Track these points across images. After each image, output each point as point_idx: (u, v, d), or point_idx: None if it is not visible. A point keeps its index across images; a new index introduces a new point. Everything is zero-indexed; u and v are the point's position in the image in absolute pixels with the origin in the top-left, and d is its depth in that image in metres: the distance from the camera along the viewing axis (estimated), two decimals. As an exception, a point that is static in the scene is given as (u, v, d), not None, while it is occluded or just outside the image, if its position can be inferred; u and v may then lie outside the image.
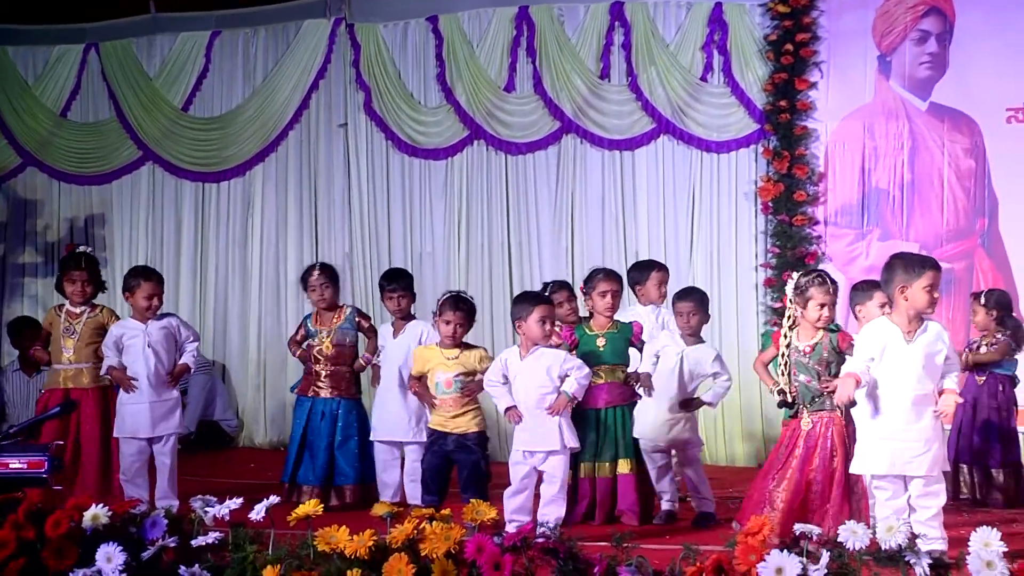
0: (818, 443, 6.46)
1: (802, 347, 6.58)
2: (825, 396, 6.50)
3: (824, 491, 6.39)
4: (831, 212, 10.71)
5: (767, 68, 10.79)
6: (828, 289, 6.59)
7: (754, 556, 4.48)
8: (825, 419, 6.50)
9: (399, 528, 4.92)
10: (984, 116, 10.30)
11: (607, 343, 7.60)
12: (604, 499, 7.49)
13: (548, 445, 6.97)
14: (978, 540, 4.63)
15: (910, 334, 6.26)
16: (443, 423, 7.52)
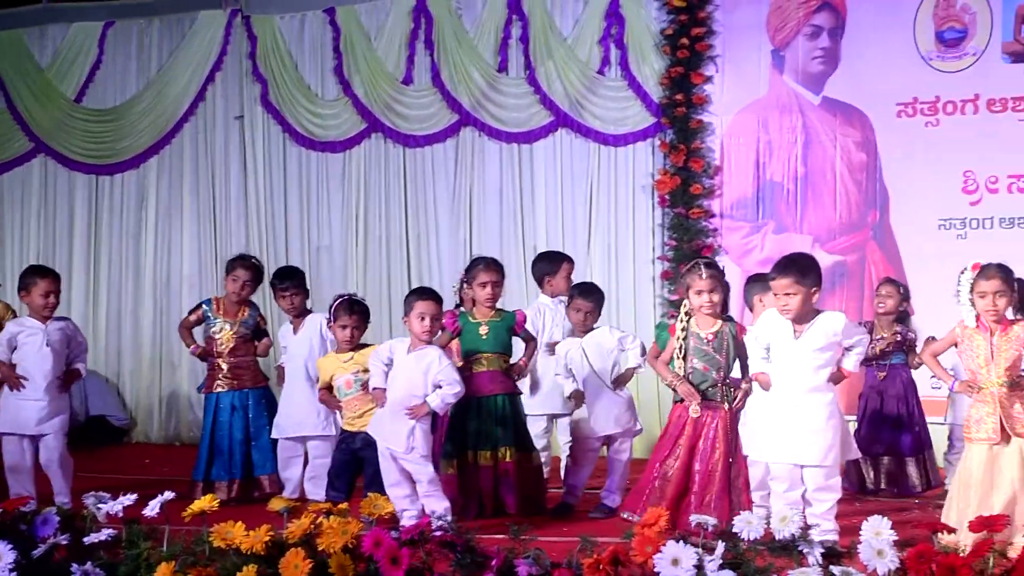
0: (703, 433, 6.51)
1: (704, 335, 6.62)
2: (718, 387, 6.54)
3: (704, 482, 6.45)
4: (727, 205, 10.82)
5: (663, 62, 10.87)
6: (700, 274, 6.61)
7: (651, 547, 4.50)
8: (713, 409, 6.54)
9: (296, 523, 4.87)
10: (875, 110, 10.45)
11: (489, 331, 7.61)
12: (488, 488, 7.50)
13: (394, 444, 6.96)
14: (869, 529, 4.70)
15: (799, 332, 6.38)
16: (351, 423, 7.57)
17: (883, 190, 10.43)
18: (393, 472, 7.03)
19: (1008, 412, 6.18)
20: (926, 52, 10.28)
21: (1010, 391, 6.20)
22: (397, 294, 11.41)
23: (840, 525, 6.31)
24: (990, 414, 6.21)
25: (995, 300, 6.21)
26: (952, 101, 10.19)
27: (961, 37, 10.20)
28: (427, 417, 7.00)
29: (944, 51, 10.24)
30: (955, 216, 10.10)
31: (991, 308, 6.22)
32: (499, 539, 5.16)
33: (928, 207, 10.20)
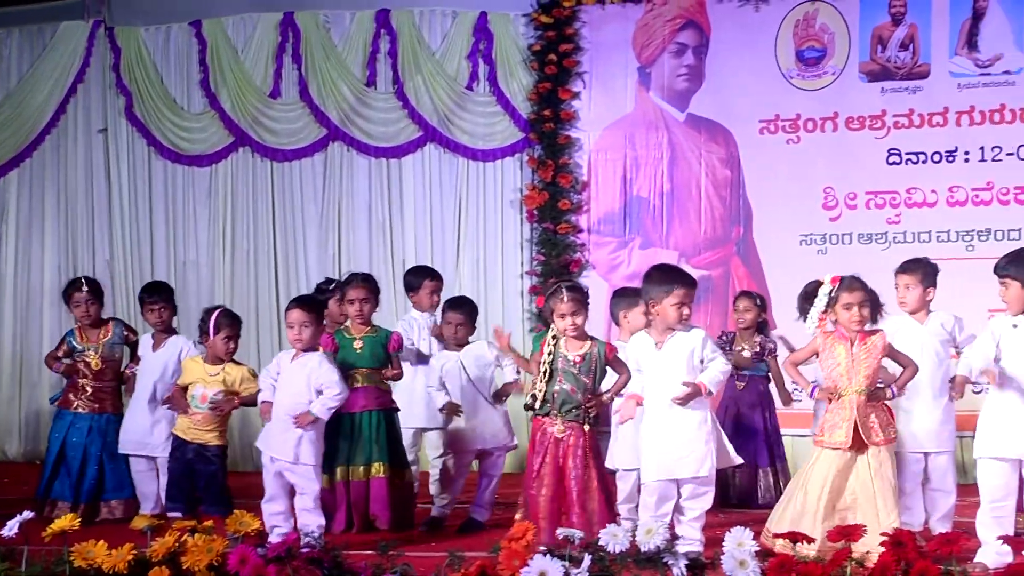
0: (570, 451, 6.54)
1: (572, 356, 6.63)
2: (582, 409, 6.57)
3: (581, 499, 6.48)
4: (594, 220, 10.92)
5: (531, 78, 10.96)
6: (562, 298, 6.63)
7: (518, 561, 4.53)
8: (576, 429, 6.57)
9: (160, 541, 4.81)
10: (739, 127, 10.66)
11: (364, 347, 7.59)
12: (359, 503, 7.46)
13: (282, 454, 6.89)
14: (732, 540, 4.78)
15: (660, 344, 6.47)
16: (184, 431, 7.54)
17: (746, 206, 10.62)
18: (272, 486, 6.95)
19: (864, 422, 6.33)
20: (787, 70, 10.51)
21: (867, 400, 6.36)
22: (265, 309, 11.34)
23: (705, 536, 6.39)
24: (845, 420, 6.36)
25: (860, 311, 6.38)
26: (812, 119, 10.44)
27: (821, 56, 10.45)
28: (315, 425, 6.92)
29: (804, 70, 10.49)
30: (816, 231, 10.34)
31: (857, 318, 6.39)
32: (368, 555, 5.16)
33: (790, 223, 10.43)
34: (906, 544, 4.46)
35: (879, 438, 6.34)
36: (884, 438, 6.36)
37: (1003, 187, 9.97)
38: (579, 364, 6.59)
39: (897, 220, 10.19)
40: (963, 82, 10.11)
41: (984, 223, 9.93)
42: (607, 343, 6.78)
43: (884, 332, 6.52)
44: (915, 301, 7.07)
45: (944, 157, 10.13)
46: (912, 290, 7.08)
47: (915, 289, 7.07)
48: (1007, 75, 10.01)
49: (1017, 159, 9.95)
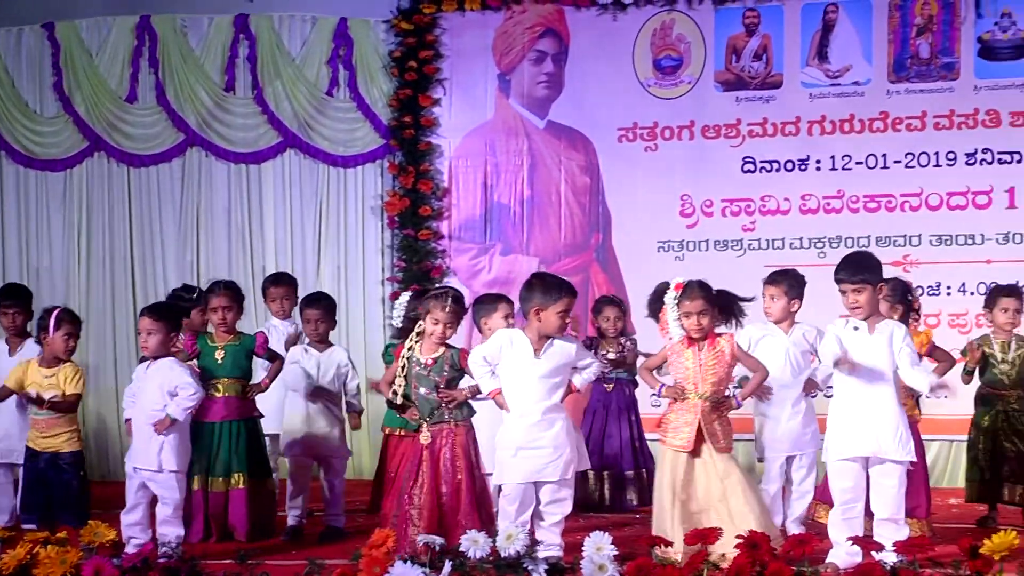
0: (441, 456, 6.54)
1: (424, 360, 6.65)
2: (444, 409, 6.59)
3: (453, 503, 6.48)
4: (455, 227, 10.96)
5: (392, 84, 10.95)
6: (444, 306, 6.65)
7: (378, 568, 4.53)
8: (445, 431, 6.58)
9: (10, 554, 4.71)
10: (598, 135, 10.78)
11: (226, 355, 7.52)
12: (217, 514, 7.40)
13: (147, 464, 6.80)
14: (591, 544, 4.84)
15: (538, 350, 6.51)
16: (35, 440, 7.48)
17: (606, 213, 10.75)
18: (133, 497, 6.85)
19: (709, 427, 6.46)
20: (645, 79, 10.67)
21: (712, 407, 6.49)
22: (122, 316, 11.15)
23: (565, 541, 6.44)
24: (688, 423, 6.48)
25: (699, 319, 6.50)
26: (670, 127, 10.61)
27: (677, 65, 10.62)
28: (175, 430, 6.82)
29: (661, 79, 10.65)
30: (673, 238, 10.51)
31: (696, 326, 6.51)
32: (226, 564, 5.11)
33: (648, 229, 10.58)
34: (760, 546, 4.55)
35: (719, 445, 6.47)
36: (724, 445, 6.49)
37: (853, 195, 10.24)
38: (430, 367, 6.61)
39: (752, 227, 10.40)
40: (814, 92, 10.36)
41: (835, 230, 10.18)
42: (462, 349, 6.80)
43: (731, 336, 6.65)
44: (779, 311, 7.24)
45: (797, 165, 10.36)
46: (777, 301, 7.24)
47: (780, 300, 7.23)
48: (856, 85, 10.28)
49: (866, 168, 10.22)
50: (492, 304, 7.57)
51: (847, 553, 6.00)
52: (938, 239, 10.05)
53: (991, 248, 9.94)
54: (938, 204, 10.11)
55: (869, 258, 6.51)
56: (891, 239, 10.07)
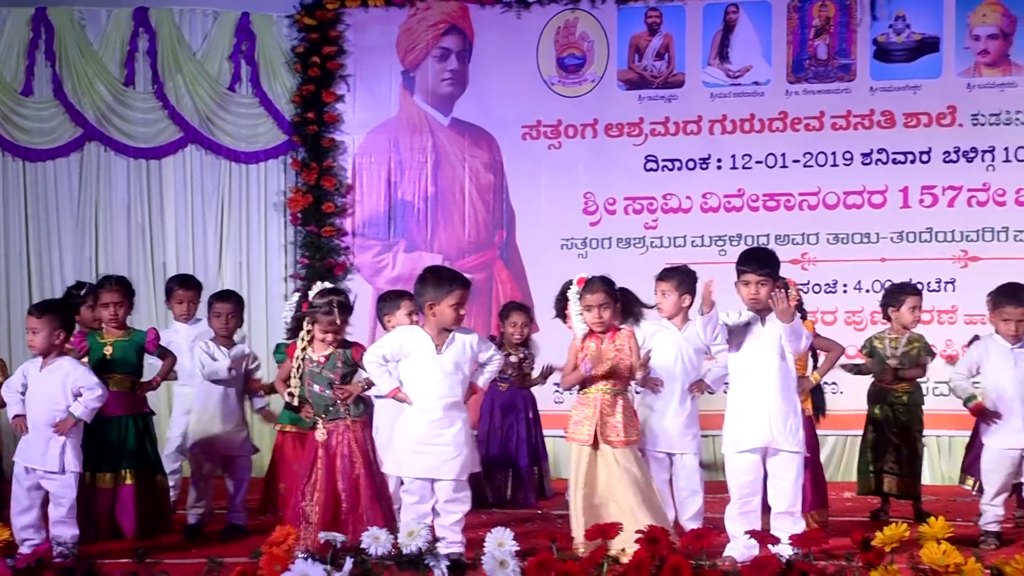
0: (337, 452, 6.52)
1: (316, 357, 6.62)
2: (339, 405, 6.56)
3: (352, 499, 6.46)
4: (359, 223, 10.93)
5: (295, 80, 10.90)
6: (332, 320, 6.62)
7: (279, 566, 4.51)
8: (341, 428, 6.55)
9: (-100, 558, 4.61)
10: (502, 132, 10.83)
11: (115, 351, 7.41)
12: (104, 511, 7.29)
13: (47, 464, 6.71)
14: (493, 540, 4.85)
15: (439, 345, 6.51)
16: None
17: (510, 210, 10.78)
18: (24, 499, 6.75)
19: (606, 419, 6.52)
20: (548, 77, 10.72)
21: (613, 398, 6.55)
22: (17, 313, 10.93)
23: (467, 537, 6.46)
24: (589, 418, 6.56)
25: (600, 313, 6.58)
26: (573, 125, 10.67)
27: (580, 64, 10.69)
28: (76, 430, 6.73)
29: (565, 77, 10.71)
30: (576, 236, 10.58)
31: (597, 319, 6.58)
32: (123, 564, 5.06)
33: (551, 227, 10.64)
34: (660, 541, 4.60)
35: (618, 439, 6.53)
36: (624, 439, 6.55)
37: (753, 194, 10.38)
38: (323, 364, 6.59)
39: (654, 225, 10.49)
40: (715, 92, 10.48)
41: (735, 229, 10.30)
42: (355, 344, 6.76)
43: (630, 331, 6.71)
44: (671, 307, 7.29)
45: (698, 164, 10.48)
46: (668, 296, 7.30)
47: (671, 295, 7.29)
48: (756, 85, 10.42)
49: (766, 167, 10.37)
50: (395, 301, 7.59)
51: (744, 546, 6.09)
52: (835, 237, 10.22)
53: (886, 246, 10.12)
54: (835, 203, 10.28)
55: (773, 254, 6.62)
56: (789, 237, 10.22)
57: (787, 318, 6.30)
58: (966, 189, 10.08)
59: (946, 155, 10.12)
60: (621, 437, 6.54)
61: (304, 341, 6.67)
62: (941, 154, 10.12)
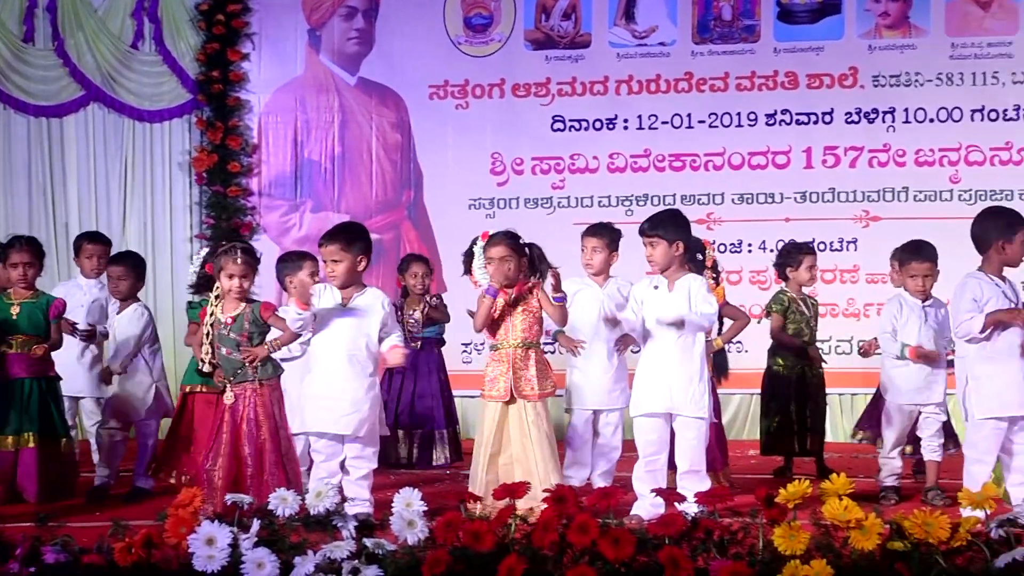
0: (244, 416, 6.47)
1: (224, 319, 6.54)
2: (247, 368, 6.51)
3: (257, 464, 6.43)
4: (265, 183, 10.86)
5: (199, 38, 10.77)
6: (235, 259, 6.53)
7: (184, 528, 4.48)
8: (248, 391, 6.50)
9: None
10: (409, 92, 10.79)
11: (22, 312, 7.29)
12: (5, 474, 7.18)
13: None
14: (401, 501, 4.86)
15: (346, 299, 6.51)
16: None
17: (417, 170, 10.77)
18: None
19: (519, 373, 6.57)
20: (455, 37, 10.69)
21: (525, 352, 6.60)
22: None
23: (375, 498, 6.48)
24: (503, 374, 6.61)
25: (500, 266, 6.61)
26: (480, 85, 10.66)
27: (488, 23, 10.67)
28: None
29: (472, 36, 10.69)
30: (484, 196, 10.59)
31: (499, 272, 6.61)
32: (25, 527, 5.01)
33: (459, 187, 10.65)
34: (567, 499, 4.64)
35: (532, 392, 6.59)
36: (538, 392, 6.61)
37: (659, 154, 10.45)
38: (230, 326, 6.48)
39: (562, 185, 10.53)
40: (622, 52, 10.53)
41: (642, 189, 10.38)
42: (264, 302, 6.69)
43: (539, 285, 6.73)
44: (600, 263, 7.30)
45: (605, 125, 10.52)
46: (599, 253, 7.30)
47: (601, 252, 7.30)
48: (662, 47, 10.47)
49: (672, 128, 10.44)
50: (297, 262, 7.54)
51: (651, 505, 6.16)
52: (740, 198, 10.33)
53: (790, 206, 10.25)
54: (740, 163, 10.38)
55: (672, 215, 6.62)
56: (695, 198, 10.31)
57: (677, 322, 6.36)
58: (867, 150, 10.23)
59: (848, 116, 10.25)
60: (536, 390, 6.60)
61: (213, 306, 6.60)
62: (843, 115, 10.26)
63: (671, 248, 6.41)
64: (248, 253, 6.58)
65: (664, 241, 6.41)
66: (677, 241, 6.42)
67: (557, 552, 4.29)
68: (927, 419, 7.32)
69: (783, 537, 4.17)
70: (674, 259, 6.45)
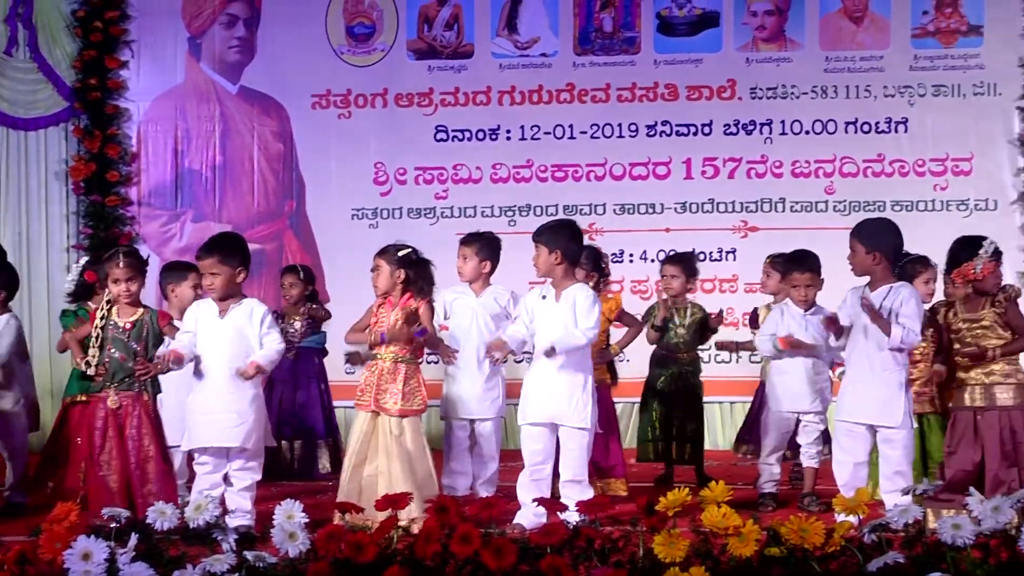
0: (127, 424, 6.39)
1: (122, 323, 6.47)
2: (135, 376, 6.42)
3: (140, 473, 6.35)
4: (145, 192, 10.72)
5: (76, 45, 10.60)
6: (118, 263, 6.47)
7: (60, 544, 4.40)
8: (133, 399, 6.43)
9: None
10: (291, 101, 10.73)
11: None
12: None
13: None
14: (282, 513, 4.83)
15: (223, 312, 6.44)
16: None
17: (299, 180, 10.71)
18: None
19: (385, 387, 6.57)
20: (338, 46, 10.66)
21: (394, 366, 6.60)
22: None
23: (256, 510, 6.43)
24: (370, 385, 6.63)
25: (377, 279, 6.65)
26: (363, 94, 10.64)
27: (370, 33, 10.66)
28: None
29: (355, 46, 10.66)
30: (367, 206, 10.56)
31: (376, 282, 6.66)
32: None
33: (342, 197, 10.61)
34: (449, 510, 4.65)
35: (394, 407, 6.58)
36: (400, 408, 6.60)
37: (541, 165, 10.51)
38: (129, 331, 6.42)
39: (445, 195, 10.55)
40: (504, 63, 10.57)
41: (525, 199, 10.43)
42: (160, 311, 6.67)
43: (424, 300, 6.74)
44: (471, 272, 7.40)
45: (488, 135, 10.56)
46: (469, 261, 7.40)
47: (471, 260, 7.39)
48: (544, 57, 10.54)
49: (554, 138, 10.50)
50: (182, 272, 7.48)
51: (533, 514, 6.20)
52: (621, 208, 10.43)
53: (670, 217, 10.38)
54: (621, 174, 10.48)
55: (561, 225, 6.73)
56: (578, 208, 10.36)
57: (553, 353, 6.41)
58: (745, 161, 10.39)
59: (726, 128, 10.40)
60: (399, 406, 6.58)
61: (104, 309, 6.50)
62: (722, 127, 10.41)
63: (551, 256, 6.48)
64: (131, 256, 6.55)
65: (545, 248, 6.50)
66: (557, 250, 6.49)
67: (440, 562, 4.30)
68: (806, 427, 7.46)
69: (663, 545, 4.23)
70: (554, 267, 6.51)
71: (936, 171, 10.22)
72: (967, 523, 4.39)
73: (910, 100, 10.24)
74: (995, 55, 10.17)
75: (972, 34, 10.25)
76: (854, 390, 6.52)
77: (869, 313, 6.32)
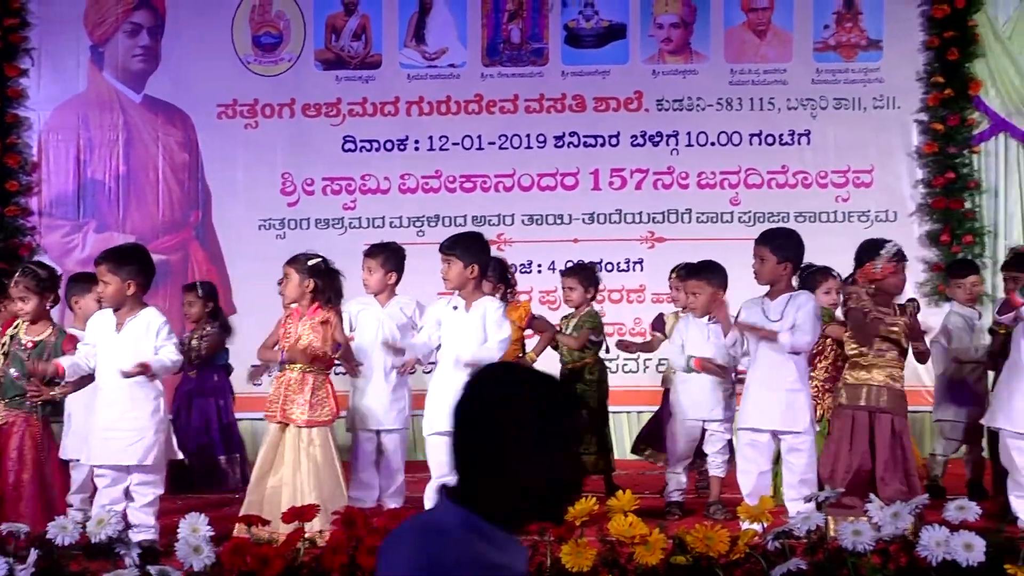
0: (11, 444, 6.30)
1: (25, 341, 6.39)
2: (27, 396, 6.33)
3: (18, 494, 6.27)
4: (46, 203, 10.56)
5: (-26, 52, 10.42)
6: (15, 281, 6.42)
7: (-44, 562, 4.34)
8: (20, 420, 6.34)
9: None
10: (196, 111, 10.62)
11: None
12: None
13: None
14: (187, 526, 4.79)
15: (119, 326, 6.36)
16: None
17: (205, 190, 10.61)
18: None
19: (292, 397, 6.53)
20: (244, 56, 10.58)
21: (301, 376, 6.56)
22: None
23: (160, 524, 6.35)
24: (277, 397, 6.61)
25: (285, 287, 6.71)
26: (270, 104, 10.57)
27: (277, 43, 10.59)
28: None
29: (261, 55, 10.59)
30: (274, 216, 10.48)
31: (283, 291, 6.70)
32: None
33: (249, 207, 10.52)
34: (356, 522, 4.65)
35: (301, 417, 6.54)
36: (307, 419, 6.55)
37: (450, 175, 10.51)
38: (30, 350, 6.34)
39: (353, 206, 10.51)
40: (412, 73, 10.56)
41: (433, 209, 10.42)
42: (68, 334, 6.58)
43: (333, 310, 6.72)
44: (376, 283, 7.38)
45: (396, 145, 10.54)
46: (374, 273, 7.38)
47: (377, 272, 7.37)
48: (452, 68, 10.55)
49: (462, 149, 10.51)
50: (86, 284, 7.38)
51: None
52: (529, 219, 10.46)
53: (578, 227, 10.43)
54: (530, 185, 10.51)
55: (473, 237, 6.79)
56: (486, 218, 10.38)
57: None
58: (652, 172, 10.47)
59: (634, 139, 10.48)
60: (305, 416, 6.55)
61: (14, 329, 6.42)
62: (629, 138, 10.48)
63: (466, 270, 6.51)
64: (27, 275, 6.45)
65: (460, 262, 6.51)
66: (473, 264, 6.52)
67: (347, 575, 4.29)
68: (712, 435, 7.53)
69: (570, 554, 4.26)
70: (468, 280, 6.54)
71: (838, 183, 10.38)
72: (867, 529, 4.47)
73: (812, 113, 10.39)
74: (894, 69, 10.36)
75: (872, 48, 10.44)
76: (757, 398, 6.61)
77: (749, 333, 6.47)
